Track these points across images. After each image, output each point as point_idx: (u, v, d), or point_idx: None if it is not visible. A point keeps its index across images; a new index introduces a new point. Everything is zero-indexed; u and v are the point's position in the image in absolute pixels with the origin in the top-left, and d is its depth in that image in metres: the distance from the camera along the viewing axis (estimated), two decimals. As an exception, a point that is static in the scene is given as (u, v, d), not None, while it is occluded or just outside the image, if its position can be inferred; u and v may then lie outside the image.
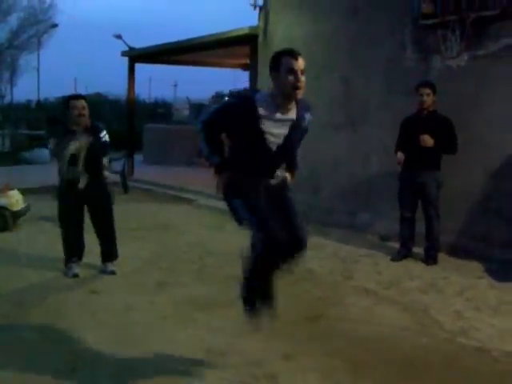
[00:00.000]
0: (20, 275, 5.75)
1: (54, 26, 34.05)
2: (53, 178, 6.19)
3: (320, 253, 6.84)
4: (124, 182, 11.51)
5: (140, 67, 14.85)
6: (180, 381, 3.65)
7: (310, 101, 3.67)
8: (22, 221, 8.12)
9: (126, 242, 6.00)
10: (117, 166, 10.94)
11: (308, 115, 3.57)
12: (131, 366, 3.84)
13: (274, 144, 3.47)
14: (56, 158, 5.68)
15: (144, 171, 14.37)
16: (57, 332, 4.38)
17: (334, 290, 5.54)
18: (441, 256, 6.50)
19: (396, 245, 6.81)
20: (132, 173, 13.66)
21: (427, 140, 6.16)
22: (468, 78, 6.75)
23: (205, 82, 34.49)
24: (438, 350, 4.20)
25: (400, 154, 6.40)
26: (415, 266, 6.33)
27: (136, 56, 14.62)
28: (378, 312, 4.95)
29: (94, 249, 5.93)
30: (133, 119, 14.92)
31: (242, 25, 10.63)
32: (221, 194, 3.67)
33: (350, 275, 6.01)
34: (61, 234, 5.82)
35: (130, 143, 14.46)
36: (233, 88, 25.25)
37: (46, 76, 41.15)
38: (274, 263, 3.57)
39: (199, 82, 37.65)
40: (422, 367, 3.92)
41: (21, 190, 8.52)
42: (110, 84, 35.63)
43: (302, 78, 3.36)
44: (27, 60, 34.15)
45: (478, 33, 6.54)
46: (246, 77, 13.23)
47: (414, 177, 6.34)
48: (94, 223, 5.83)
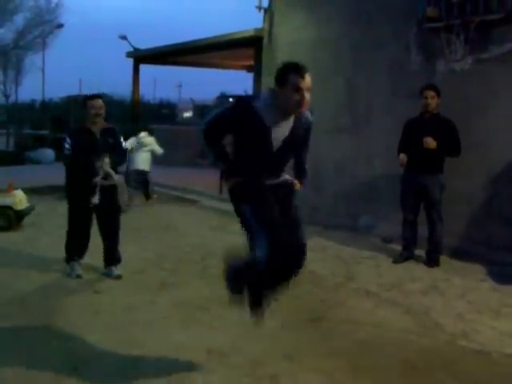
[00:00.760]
0: (22, 275, 5.76)
1: (60, 26, 34.14)
2: (57, 178, 6.21)
3: (322, 254, 6.85)
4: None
5: (145, 68, 14.92)
6: (181, 381, 3.66)
7: (314, 104, 3.67)
8: (26, 220, 8.13)
9: (128, 242, 6.01)
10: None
11: (309, 115, 3.57)
12: (132, 365, 3.85)
13: (275, 145, 3.47)
14: (74, 157, 5.61)
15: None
16: (58, 331, 4.39)
17: (335, 292, 5.54)
18: (443, 258, 6.51)
19: (398, 247, 6.82)
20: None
21: (430, 142, 6.17)
22: (472, 82, 6.76)
23: (209, 84, 34.58)
24: (439, 352, 4.21)
25: (402, 156, 6.40)
26: (417, 269, 6.34)
27: (141, 57, 14.67)
28: (379, 314, 4.96)
29: (94, 249, 5.88)
30: (137, 120, 14.95)
31: (247, 27, 10.66)
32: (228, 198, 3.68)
33: (352, 277, 6.02)
34: (67, 231, 5.80)
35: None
36: (242, 93, 25.31)
37: (51, 76, 41.26)
38: (274, 279, 3.50)
39: (204, 83, 37.71)
40: (422, 369, 3.93)
41: (25, 190, 8.55)
42: (114, 85, 35.81)
43: (307, 96, 3.34)
44: (32, 60, 34.19)
45: (482, 36, 6.56)
46: (250, 78, 13.24)
47: (417, 179, 6.35)
48: (101, 226, 5.79)
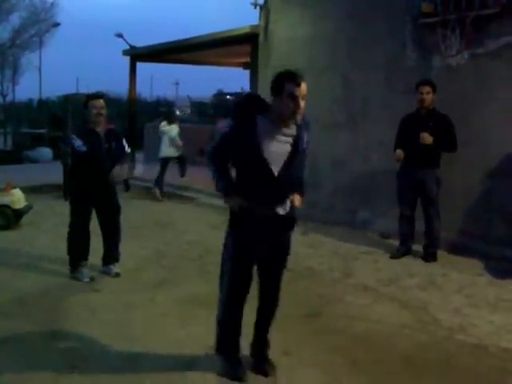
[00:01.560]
0: (21, 274, 5.77)
1: (56, 25, 34.13)
2: (55, 177, 6.21)
3: (320, 250, 6.87)
4: (125, 180, 11.53)
5: (142, 66, 14.92)
6: (180, 378, 3.68)
7: (311, 100, 3.67)
8: (24, 219, 8.14)
9: (126, 239, 6.02)
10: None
11: (306, 135, 3.54)
12: (131, 363, 3.86)
13: (275, 167, 3.42)
14: (83, 157, 5.56)
15: (145, 169, 14.41)
16: (57, 329, 4.40)
17: (333, 288, 5.56)
18: (440, 253, 6.53)
19: (396, 242, 6.84)
20: (133, 171, 13.70)
21: (426, 138, 6.18)
22: (468, 77, 6.78)
23: (206, 81, 34.59)
24: (437, 346, 4.23)
25: (399, 151, 6.41)
26: (414, 264, 6.36)
27: (137, 55, 14.65)
28: (377, 309, 4.98)
29: (92, 247, 5.83)
30: (134, 118, 14.96)
31: (243, 24, 10.66)
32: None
33: (350, 272, 6.04)
34: (69, 233, 5.72)
35: (132, 142, 14.48)
36: (238, 90, 25.29)
37: (48, 75, 41.23)
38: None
39: (201, 80, 37.74)
40: (420, 364, 3.95)
41: (23, 189, 8.55)
42: (111, 83, 35.70)
43: (302, 104, 3.36)
44: (29, 59, 34.27)
45: (478, 31, 6.57)
46: (247, 76, 13.26)
47: (414, 175, 6.36)
48: (102, 225, 5.77)
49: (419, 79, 6.52)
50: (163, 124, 11.52)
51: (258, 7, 10.29)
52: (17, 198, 8.08)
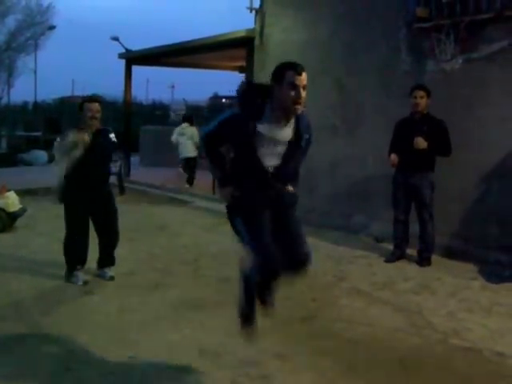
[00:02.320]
0: (15, 277, 5.76)
1: (52, 27, 34.14)
2: (50, 180, 6.20)
3: (314, 254, 6.80)
4: (120, 183, 11.54)
5: (137, 69, 14.87)
6: (174, 381, 3.67)
7: (306, 104, 3.66)
8: (19, 222, 8.12)
9: (121, 243, 6.00)
10: (113, 167, 10.98)
11: (307, 136, 3.51)
12: (125, 366, 3.86)
13: (270, 163, 3.41)
14: (61, 154, 5.57)
15: (140, 173, 14.40)
16: (52, 333, 4.40)
17: (327, 291, 5.57)
18: (434, 257, 6.54)
19: (390, 246, 6.85)
20: (128, 174, 13.68)
21: (420, 142, 6.20)
22: (462, 81, 6.80)
23: (202, 84, 34.59)
24: (431, 350, 4.24)
25: (393, 156, 6.43)
26: (409, 268, 6.37)
27: (133, 58, 14.64)
28: (371, 313, 4.99)
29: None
30: (129, 121, 14.93)
31: (238, 27, 10.66)
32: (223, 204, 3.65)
33: (344, 276, 6.04)
34: (66, 239, 5.66)
35: (127, 145, 14.47)
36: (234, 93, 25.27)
37: (43, 78, 41.09)
38: (270, 284, 3.58)
39: (196, 83, 37.72)
40: (414, 368, 3.96)
41: (17, 192, 8.53)
42: (107, 86, 35.63)
43: (303, 94, 3.33)
44: (24, 62, 34.24)
45: (472, 36, 6.60)
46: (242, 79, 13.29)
47: (408, 179, 6.38)
48: (98, 228, 5.72)
49: (414, 84, 6.53)
50: (185, 125, 11.80)
51: (254, 11, 10.29)
52: (11, 200, 8.06)
